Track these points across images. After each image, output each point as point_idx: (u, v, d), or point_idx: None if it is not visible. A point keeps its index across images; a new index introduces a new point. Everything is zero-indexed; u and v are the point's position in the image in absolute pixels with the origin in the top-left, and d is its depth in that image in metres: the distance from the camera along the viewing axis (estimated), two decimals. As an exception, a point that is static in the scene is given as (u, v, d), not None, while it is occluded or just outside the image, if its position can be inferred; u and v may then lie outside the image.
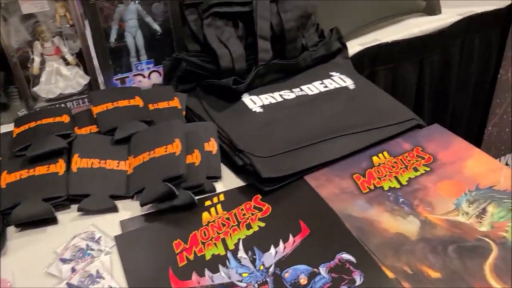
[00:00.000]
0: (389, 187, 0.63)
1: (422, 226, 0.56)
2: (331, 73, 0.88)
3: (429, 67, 1.19)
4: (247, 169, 0.66)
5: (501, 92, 1.37)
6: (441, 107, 1.34)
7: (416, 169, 0.66)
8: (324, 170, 0.67)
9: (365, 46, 1.03)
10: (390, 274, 0.51)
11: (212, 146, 0.70)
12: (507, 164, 1.59)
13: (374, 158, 0.69)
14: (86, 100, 0.84)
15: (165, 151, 0.64)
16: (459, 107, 1.34)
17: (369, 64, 1.08)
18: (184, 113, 0.78)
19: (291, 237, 0.57)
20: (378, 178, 0.65)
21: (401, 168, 0.66)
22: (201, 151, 0.67)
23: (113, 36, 0.83)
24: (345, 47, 0.96)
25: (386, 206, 0.60)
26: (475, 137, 1.45)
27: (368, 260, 0.52)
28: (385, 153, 0.70)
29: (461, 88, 1.31)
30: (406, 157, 0.68)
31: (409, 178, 0.64)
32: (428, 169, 0.66)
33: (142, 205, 0.61)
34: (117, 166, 0.67)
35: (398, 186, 0.63)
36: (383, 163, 0.67)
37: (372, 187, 0.63)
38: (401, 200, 0.61)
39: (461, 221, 0.57)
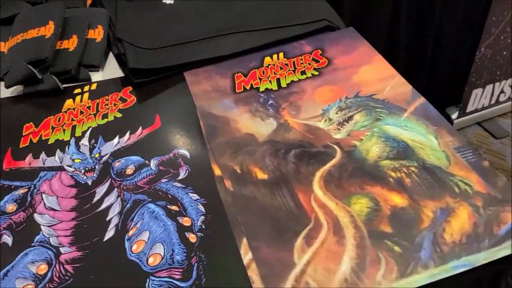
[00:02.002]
0: (266, 88, 0.60)
1: (276, 129, 0.54)
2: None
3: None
4: (122, 59, 0.64)
5: (499, 9, 1.24)
6: (423, 24, 1.24)
7: (303, 73, 0.62)
8: (208, 67, 0.64)
9: None
10: (217, 172, 0.49)
11: (97, 33, 0.67)
12: (502, 92, 1.49)
13: (266, 59, 0.65)
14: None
15: (37, 33, 0.63)
16: (446, 24, 1.24)
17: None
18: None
19: (140, 129, 0.56)
20: (259, 78, 0.61)
21: (288, 70, 0.62)
22: (80, 37, 0.65)
23: None
24: None
25: (251, 107, 0.57)
26: (465, 60, 1.35)
27: (202, 157, 0.51)
28: (280, 54, 0.65)
29: (448, 1, 1.20)
30: (301, 59, 0.64)
31: (292, 81, 0.60)
32: (316, 73, 0.61)
33: (6, 87, 0.61)
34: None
35: (275, 88, 0.60)
36: (273, 64, 0.63)
37: (248, 87, 0.60)
38: (270, 102, 0.58)
39: (320, 127, 0.53)
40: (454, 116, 1.51)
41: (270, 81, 0.61)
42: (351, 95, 0.57)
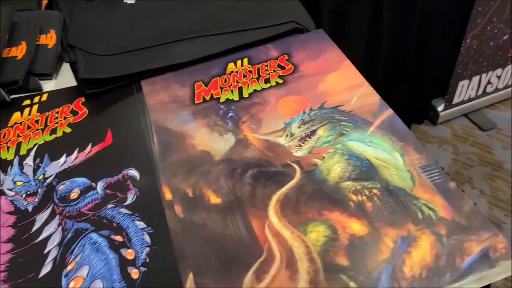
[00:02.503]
0: (227, 99, 0.57)
1: (234, 145, 0.51)
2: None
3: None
4: (73, 67, 0.61)
5: (483, 1, 1.20)
6: (406, 14, 1.20)
7: (267, 81, 0.58)
8: (168, 74, 0.61)
9: None
10: (168, 195, 0.46)
11: (50, 39, 0.64)
12: (489, 83, 1.47)
13: (230, 65, 0.61)
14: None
15: (-19, 42, 0.59)
16: (432, 13, 1.20)
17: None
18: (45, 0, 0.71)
19: (89, 146, 0.52)
20: (221, 87, 0.58)
21: (252, 78, 0.59)
22: (29, 44, 0.61)
23: None
24: None
25: (210, 120, 0.54)
26: (451, 51, 1.31)
27: (153, 179, 0.48)
28: (245, 60, 0.62)
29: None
30: (266, 66, 0.60)
31: (254, 90, 0.57)
32: (281, 81, 0.58)
33: (-51, 100, 0.57)
34: None
35: (236, 98, 0.56)
36: (236, 72, 0.60)
37: (208, 97, 0.57)
38: (230, 114, 0.55)
39: (281, 143, 0.50)
40: (440, 108, 1.48)
41: (232, 91, 0.57)
42: (316, 106, 0.54)
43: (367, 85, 0.56)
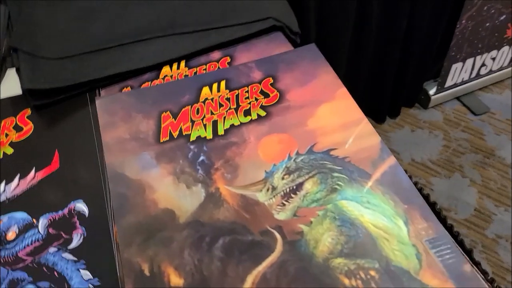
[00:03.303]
0: (198, 136, 0.48)
1: (204, 202, 0.43)
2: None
3: None
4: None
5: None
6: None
7: (247, 113, 0.49)
8: (129, 99, 0.52)
9: None
10: (122, 272, 0.39)
11: (-9, 50, 0.54)
12: (483, 65, 1.39)
13: (204, 90, 0.52)
14: None
15: None
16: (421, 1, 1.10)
17: None
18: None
19: (33, 171, 0.44)
20: (192, 121, 0.49)
21: (229, 109, 0.50)
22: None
23: None
24: None
25: (176, 166, 0.45)
26: (444, 33, 1.22)
27: (103, 214, 0.41)
28: (222, 83, 0.53)
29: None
30: (247, 92, 0.52)
31: (231, 125, 0.49)
32: (263, 114, 0.49)
33: None
34: None
35: (210, 136, 0.48)
36: (211, 99, 0.51)
37: (176, 134, 0.48)
38: (201, 158, 0.46)
39: (260, 200, 0.42)
40: (432, 91, 1.41)
41: (205, 126, 0.49)
42: (304, 149, 0.45)
43: (365, 122, 0.47)
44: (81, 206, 0.42)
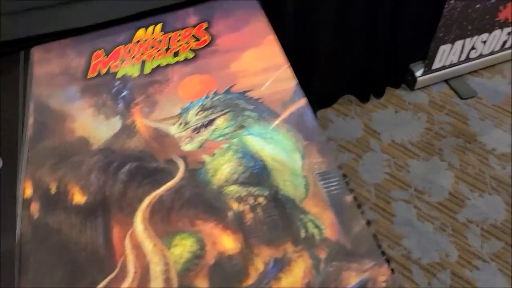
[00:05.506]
0: (124, 74, 0.52)
1: (119, 132, 0.46)
2: None
3: None
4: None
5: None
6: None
7: (176, 54, 0.53)
8: (68, 40, 0.56)
9: None
10: (28, 191, 0.43)
11: None
12: (473, 48, 1.40)
13: (139, 32, 0.56)
14: None
15: None
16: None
17: None
18: None
19: None
20: (122, 60, 0.53)
21: (159, 50, 0.54)
22: None
23: None
24: None
25: (99, 100, 0.49)
26: (432, 12, 1.24)
27: (14, 171, 0.44)
28: (158, 26, 0.56)
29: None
30: (179, 35, 0.55)
31: (158, 65, 0.52)
32: (191, 55, 0.53)
33: None
34: None
35: (136, 74, 0.51)
36: (145, 40, 0.55)
37: (104, 71, 0.52)
38: (124, 93, 0.50)
39: (171, 133, 0.46)
40: (418, 73, 1.42)
41: (133, 64, 0.52)
42: (222, 89, 0.49)
43: (286, 68, 0.50)
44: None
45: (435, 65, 1.44)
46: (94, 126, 0.47)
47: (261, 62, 0.51)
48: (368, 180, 1.31)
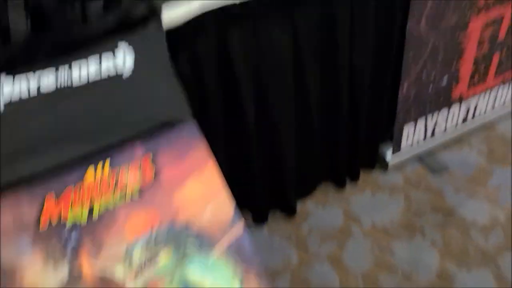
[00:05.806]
0: (74, 222, 0.54)
1: (68, 281, 0.48)
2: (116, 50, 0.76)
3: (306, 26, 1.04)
4: None
5: (414, 47, 1.22)
6: (331, 73, 1.21)
7: (123, 195, 0.56)
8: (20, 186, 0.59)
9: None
10: None
11: None
12: (437, 124, 1.47)
13: (89, 171, 0.59)
14: None
15: None
16: (359, 71, 1.20)
17: (216, 27, 0.94)
18: None
19: None
20: (71, 204, 0.56)
21: (107, 192, 0.57)
22: None
23: None
24: (155, 14, 0.83)
25: (50, 251, 0.51)
26: (388, 101, 1.32)
27: None
28: (107, 162, 0.60)
29: (357, 48, 1.17)
30: (126, 170, 0.59)
31: (106, 209, 0.55)
32: (137, 193, 0.56)
33: None
34: None
35: (85, 220, 0.54)
36: (94, 180, 0.58)
37: (55, 220, 0.54)
38: (73, 241, 0.52)
39: (116, 276, 0.48)
40: (388, 153, 1.48)
41: (82, 209, 0.55)
42: (165, 222, 0.52)
43: (223, 193, 0.54)
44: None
45: (404, 144, 1.50)
46: (45, 276, 0.49)
47: (202, 188, 0.55)
48: (355, 268, 1.30)
